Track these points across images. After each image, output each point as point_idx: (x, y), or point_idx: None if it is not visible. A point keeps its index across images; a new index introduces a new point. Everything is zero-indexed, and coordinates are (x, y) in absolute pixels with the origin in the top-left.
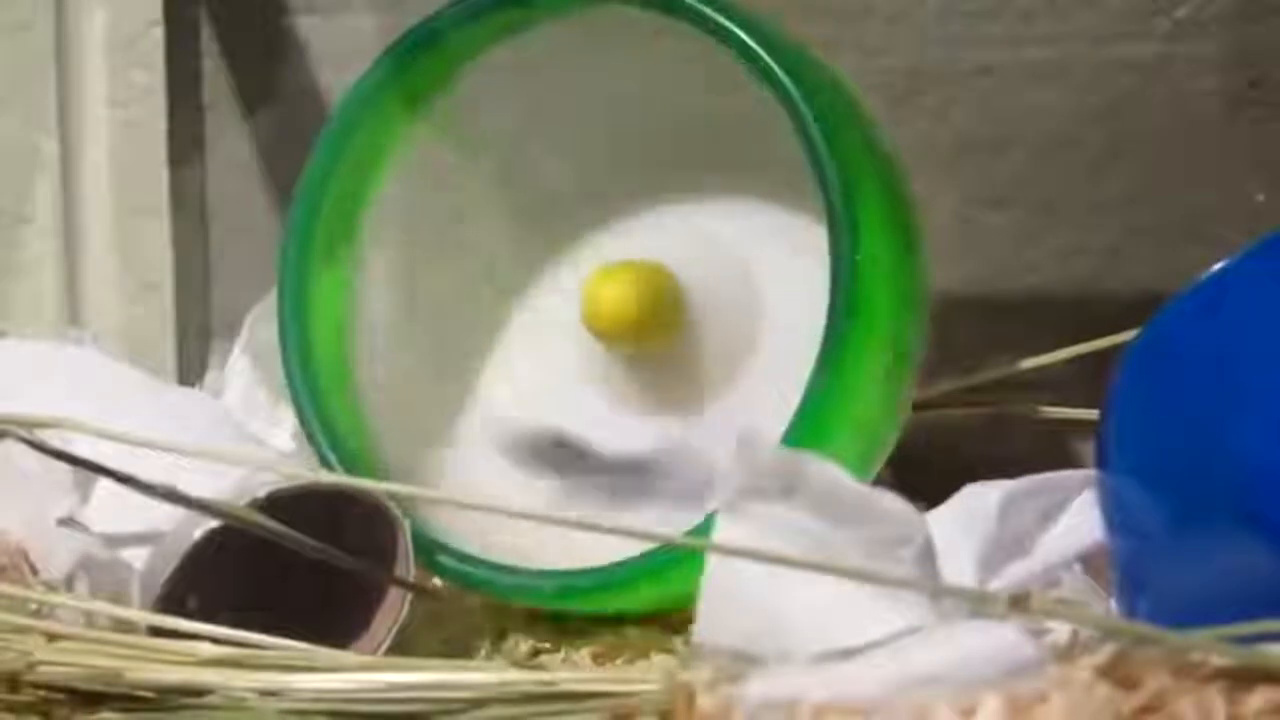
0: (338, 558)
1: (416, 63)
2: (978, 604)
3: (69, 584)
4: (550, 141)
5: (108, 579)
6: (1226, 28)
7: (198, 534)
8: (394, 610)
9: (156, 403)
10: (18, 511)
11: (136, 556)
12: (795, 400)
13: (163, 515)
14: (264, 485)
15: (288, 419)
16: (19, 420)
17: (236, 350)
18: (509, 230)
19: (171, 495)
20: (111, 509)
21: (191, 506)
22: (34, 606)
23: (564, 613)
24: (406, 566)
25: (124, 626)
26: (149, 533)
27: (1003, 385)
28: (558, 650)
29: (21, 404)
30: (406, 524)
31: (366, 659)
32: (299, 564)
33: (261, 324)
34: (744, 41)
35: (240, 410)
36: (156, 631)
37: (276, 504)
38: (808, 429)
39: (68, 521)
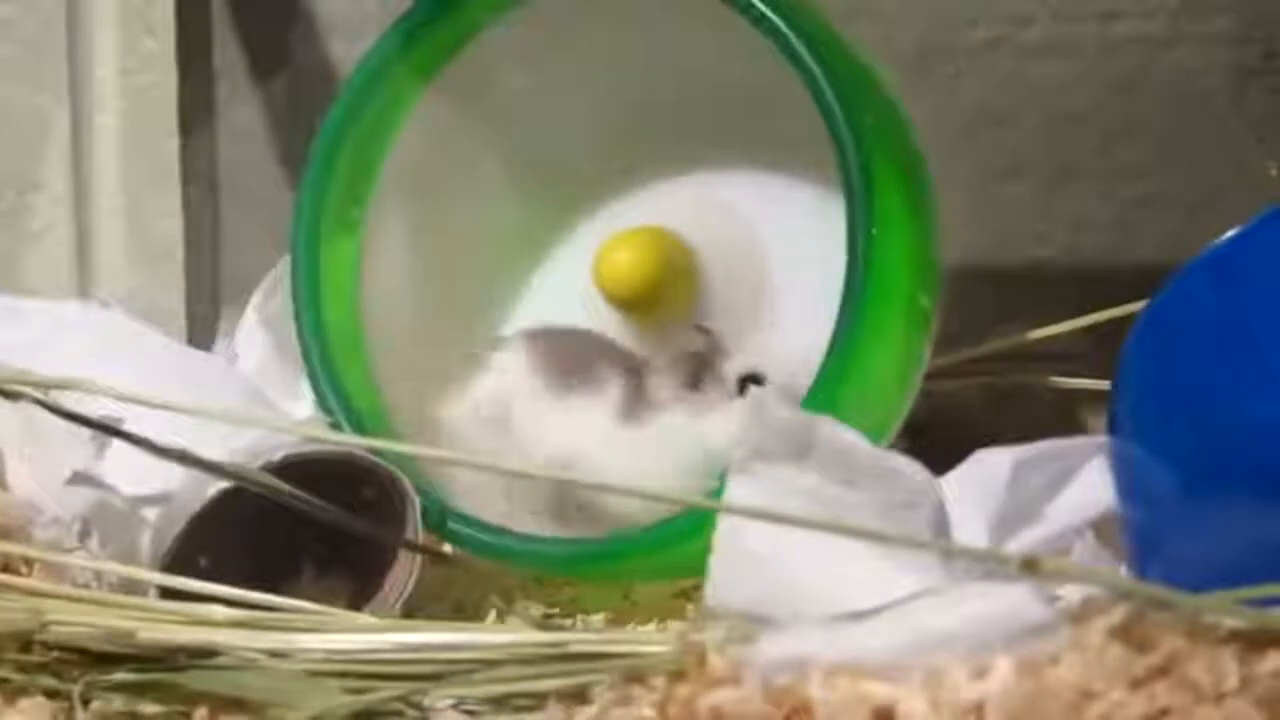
0: (346, 520)
1: (428, 32)
2: (990, 566)
3: (82, 538)
4: (561, 110)
5: (120, 533)
6: (1239, 1)
7: (210, 492)
8: (403, 576)
9: (179, 365)
10: (35, 464)
11: (151, 514)
12: (807, 369)
13: (179, 474)
14: (278, 449)
15: (305, 391)
16: (33, 381)
17: (246, 318)
18: (520, 199)
19: (183, 457)
20: (128, 466)
21: (203, 469)
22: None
23: (575, 579)
24: (415, 533)
25: (134, 585)
26: (164, 491)
27: (1014, 355)
28: (569, 616)
29: (48, 362)
30: (415, 494)
31: (377, 620)
32: (310, 529)
33: (274, 293)
34: (760, 11)
35: (258, 382)
36: (167, 591)
37: (289, 469)
38: (820, 399)
39: (83, 476)
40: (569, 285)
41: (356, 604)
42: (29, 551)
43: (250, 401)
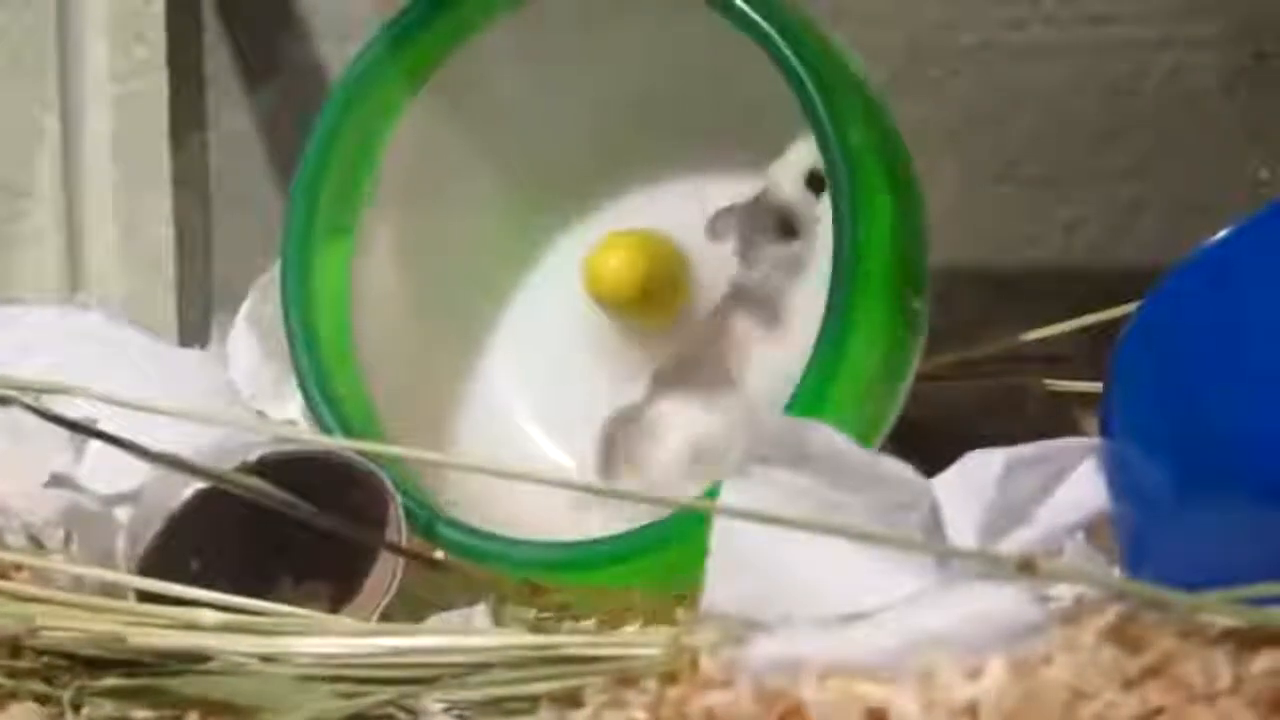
0: (324, 520)
1: (417, 36)
2: (984, 567)
3: (62, 542)
4: (552, 113)
5: (95, 535)
6: (1229, 3)
7: (186, 493)
8: (385, 579)
9: (158, 365)
10: (13, 468)
11: (124, 514)
12: (796, 371)
13: (155, 474)
14: (253, 448)
15: (295, 394)
16: (20, 385)
17: (238, 322)
18: (511, 202)
19: (164, 459)
20: (107, 468)
21: (184, 470)
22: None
23: (566, 584)
24: (398, 536)
25: (113, 588)
26: (136, 489)
27: (1006, 357)
28: (561, 619)
29: (26, 368)
30: (398, 494)
31: (369, 625)
32: (290, 531)
33: (266, 298)
34: (746, 13)
35: (248, 387)
36: (146, 595)
37: (269, 469)
38: (809, 401)
39: (60, 478)
40: (563, 288)
41: (337, 607)
42: (16, 558)
43: (231, 401)
